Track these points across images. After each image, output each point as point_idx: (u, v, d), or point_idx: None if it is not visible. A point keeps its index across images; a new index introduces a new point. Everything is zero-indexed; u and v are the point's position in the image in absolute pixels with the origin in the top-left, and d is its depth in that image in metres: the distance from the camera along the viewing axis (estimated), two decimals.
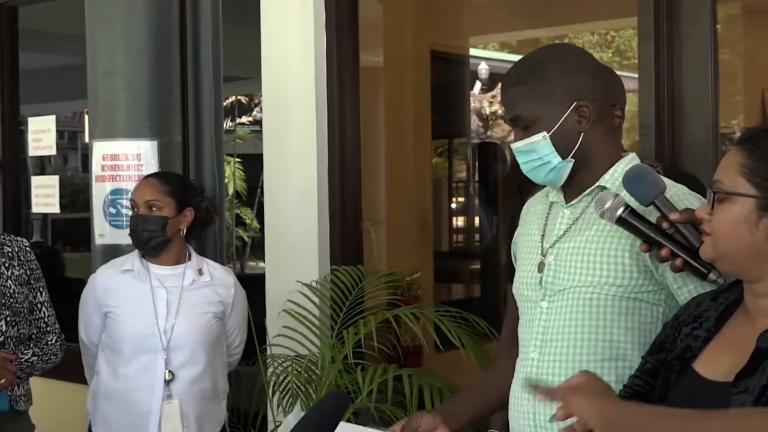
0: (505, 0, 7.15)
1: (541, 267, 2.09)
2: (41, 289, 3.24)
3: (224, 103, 4.60)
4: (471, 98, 9.43)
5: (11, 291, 3.11)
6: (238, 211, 9.72)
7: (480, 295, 6.77)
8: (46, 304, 3.25)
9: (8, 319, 3.08)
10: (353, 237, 4.09)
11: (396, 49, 5.76)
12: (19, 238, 3.28)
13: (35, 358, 3.15)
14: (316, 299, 3.78)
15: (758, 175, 1.59)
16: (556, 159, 2.04)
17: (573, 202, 2.09)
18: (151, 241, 3.17)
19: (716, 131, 3.15)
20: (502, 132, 13.27)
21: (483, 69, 11.99)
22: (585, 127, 2.04)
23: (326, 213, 4.01)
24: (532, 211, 2.23)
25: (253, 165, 7.65)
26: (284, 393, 3.62)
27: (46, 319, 3.24)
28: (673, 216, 1.85)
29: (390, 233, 5.61)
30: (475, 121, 11.96)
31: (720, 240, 1.64)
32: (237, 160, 9.31)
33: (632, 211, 1.90)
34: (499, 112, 12.79)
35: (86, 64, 3.96)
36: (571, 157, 2.05)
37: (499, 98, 12.79)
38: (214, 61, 4.20)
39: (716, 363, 1.64)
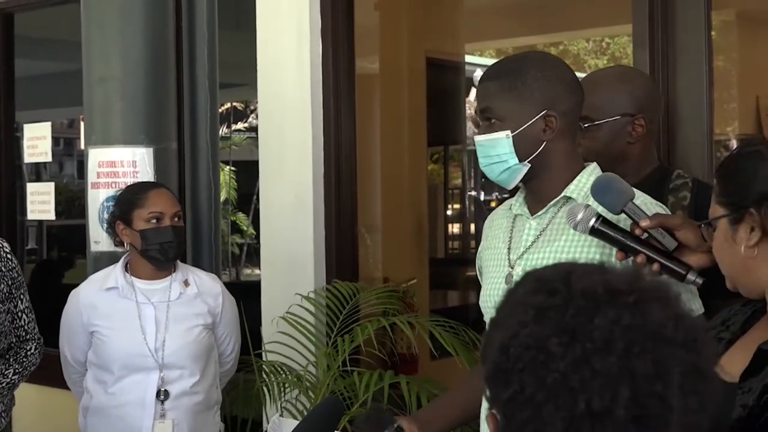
0: (501, 7, 7.16)
1: (508, 279, 2.10)
2: (22, 297, 3.08)
3: (220, 110, 4.60)
4: (467, 105, 9.44)
5: None
6: (234, 218, 9.72)
7: (476, 302, 6.76)
8: (26, 310, 3.10)
9: None
10: (349, 244, 4.09)
11: (392, 56, 5.77)
12: None
13: (16, 376, 3.04)
14: (312, 308, 3.77)
15: (724, 196, 1.65)
16: (513, 160, 2.06)
17: (539, 213, 2.10)
18: (180, 252, 3.14)
19: (711, 138, 3.16)
20: None
21: (478, 76, 12.02)
22: (549, 136, 2.05)
23: (322, 220, 4.00)
24: (496, 225, 2.24)
25: (248, 171, 7.67)
26: (279, 400, 3.62)
27: (26, 327, 3.10)
28: (644, 222, 1.86)
29: (386, 240, 5.61)
30: (470, 128, 11.97)
31: (721, 266, 1.70)
32: (231, 168, 9.32)
33: (605, 221, 1.90)
34: None
35: (82, 71, 3.96)
36: (528, 162, 2.06)
37: None
38: (209, 67, 4.21)
39: (733, 364, 1.66)
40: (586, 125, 2.38)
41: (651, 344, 1.02)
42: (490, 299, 2.16)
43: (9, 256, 3.05)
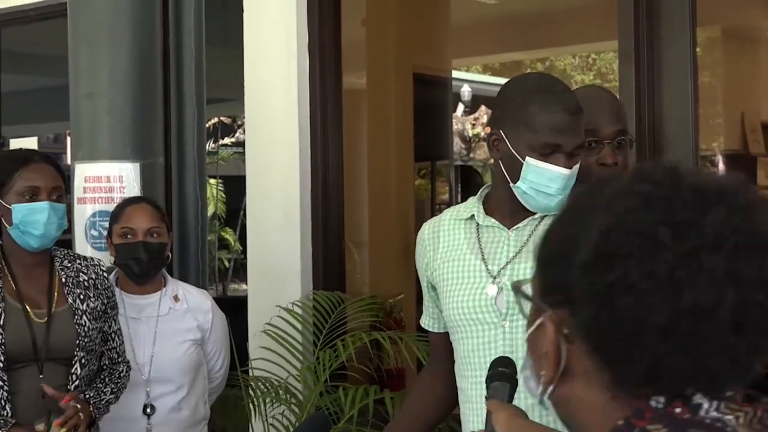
0: (488, 23, 7.19)
1: (494, 290, 2.06)
2: (115, 318, 2.98)
3: (207, 125, 4.60)
4: (453, 120, 9.47)
5: (86, 329, 2.82)
6: (222, 233, 9.69)
7: None
8: (118, 332, 3.00)
9: (83, 360, 2.82)
10: (336, 259, 4.09)
11: (379, 71, 5.78)
12: (95, 261, 2.95)
13: (113, 396, 2.94)
14: (296, 323, 3.77)
15: None
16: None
17: (519, 225, 2.08)
18: (154, 269, 3.11)
19: (697, 154, 3.18)
20: (484, 154, 13.32)
21: (466, 91, 12.07)
22: None
23: (309, 235, 4.00)
24: (446, 236, 2.18)
25: (236, 186, 7.67)
26: (265, 416, 3.61)
27: (117, 349, 2.99)
28: None
29: (373, 255, 5.61)
30: (457, 143, 12.00)
31: None
32: (219, 181, 9.30)
33: None
34: (482, 134, 12.84)
35: (68, 86, 3.95)
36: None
37: (481, 120, 12.86)
38: (197, 82, 4.20)
39: None
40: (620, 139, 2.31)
41: (758, 250, 0.99)
42: (470, 310, 2.09)
43: (105, 275, 2.96)
